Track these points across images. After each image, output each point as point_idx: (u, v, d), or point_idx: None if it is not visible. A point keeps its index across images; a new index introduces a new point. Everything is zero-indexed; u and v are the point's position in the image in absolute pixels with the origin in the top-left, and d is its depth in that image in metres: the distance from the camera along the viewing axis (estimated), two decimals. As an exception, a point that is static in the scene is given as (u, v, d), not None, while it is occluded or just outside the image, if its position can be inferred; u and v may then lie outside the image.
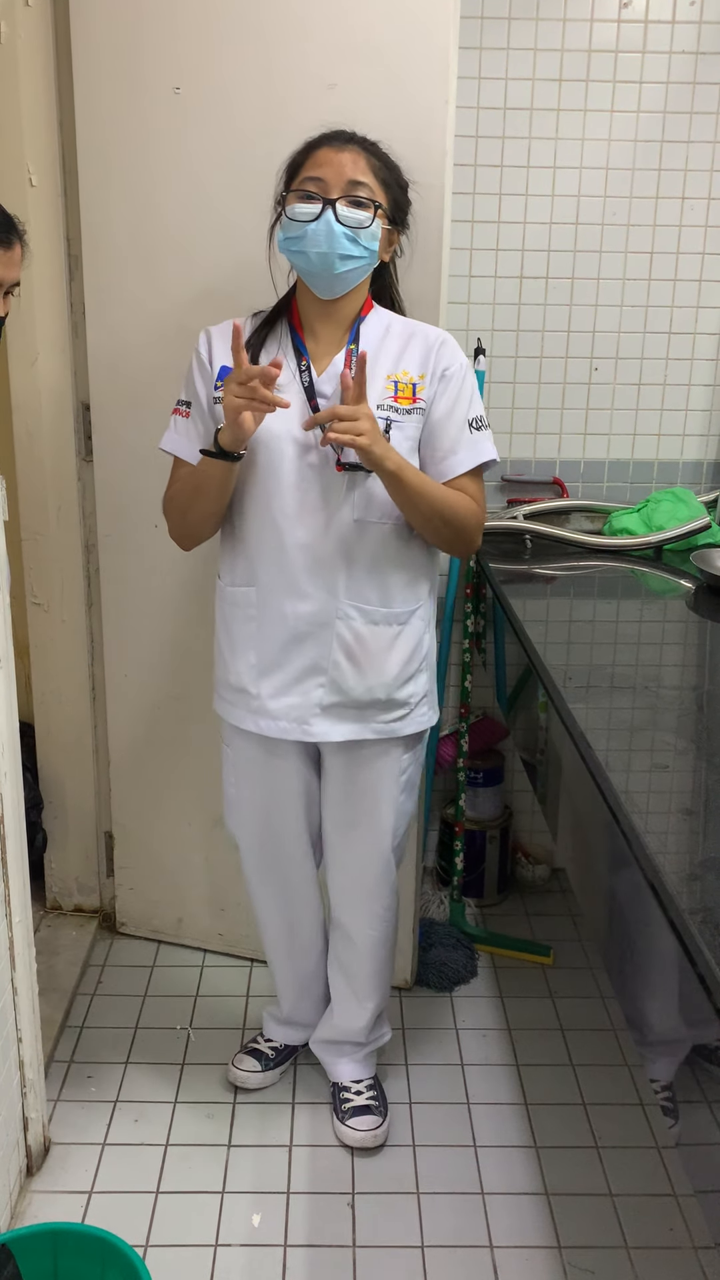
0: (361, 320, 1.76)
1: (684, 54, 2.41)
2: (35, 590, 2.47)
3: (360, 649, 1.79)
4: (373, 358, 1.74)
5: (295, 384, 1.73)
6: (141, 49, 2.03)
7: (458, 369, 1.77)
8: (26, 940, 1.85)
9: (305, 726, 1.82)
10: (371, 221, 1.66)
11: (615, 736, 1.52)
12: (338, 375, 1.72)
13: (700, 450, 2.68)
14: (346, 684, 1.80)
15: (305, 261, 1.67)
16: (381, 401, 1.73)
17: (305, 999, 2.17)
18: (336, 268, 1.66)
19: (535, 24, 2.38)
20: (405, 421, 1.74)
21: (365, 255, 1.67)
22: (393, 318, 1.80)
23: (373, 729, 1.84)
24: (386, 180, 1.69)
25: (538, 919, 2.77)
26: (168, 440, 1.82)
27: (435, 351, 1.76)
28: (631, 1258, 1.80)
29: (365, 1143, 2.00)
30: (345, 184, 1.64)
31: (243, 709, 1.86)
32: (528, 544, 2.53)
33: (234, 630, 1.84)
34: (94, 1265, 1.53)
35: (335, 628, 1.77)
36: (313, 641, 1.78)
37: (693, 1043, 1.15)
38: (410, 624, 1.83)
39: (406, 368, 1.75)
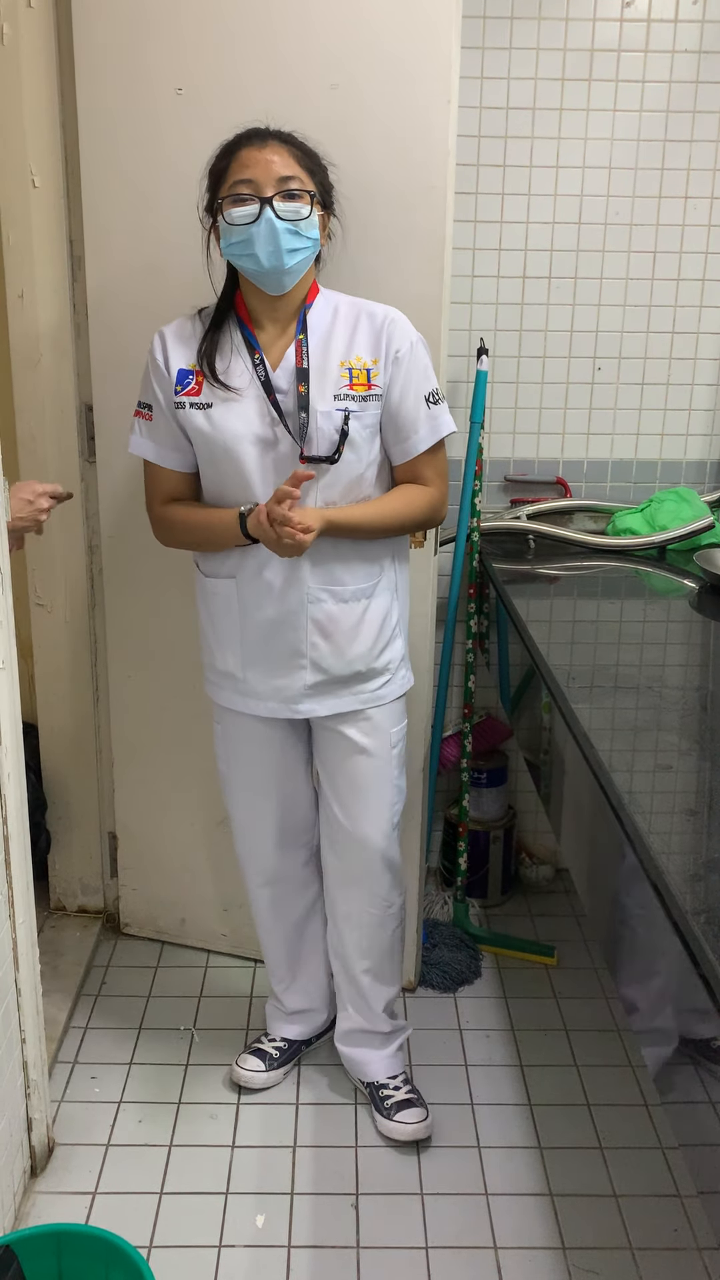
0: (308, 308, 1.78)
1: (687, 53, 2.41)
2: (38, 591, 2.47)
3: (334, 628, 1.83)
4: (323, 345, 1.77)
5: (251, 380, 1.75)
6: (143, 50, 2.03)
7: (408, 349, 1.79)
8: (30, 941, 1.85)
9: (293, 706, 1.88)
10: (310, 211, 1.70)
11: (619, 737, 1.52)
12: (292, 369, 1.75)
13: (704, 450, 2.68)
14: (326, 663, 1.85)
15: (254, 264, 1.70)
16: (338, 391, 1.75)
17: (303, 980, 2.18)
18: (286, 263, 1.69)
19: (538, 23, 2.38)
20: (362, 410, 1.76)
21: (309, 245, 1.71)
22: (339, 298, 1.82)
23: (359, 699, 1.90)
24: (311, 168, 1.73)
25: (541, 919, 2.77)
26: (134, 444, 1.86)
27: (384, 332, 1.78)
28: (636, 1259, 1.80)
29: (418, 1135, 2.01)
30: (276, 180, 1.67)
31: (231, 691, 1.92)
32: (531, 544, 2.53)
33: (217, 620, 1.89)
34: (98, 1266, 1.53)
35: (308, 611, 1.82)
36: (290, 627, 1.83)
37: (694, 1040, 1.15)
38: (376, 595, 1.87)
39: (359, 353, 1.77)
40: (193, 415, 1.77)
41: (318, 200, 1.73)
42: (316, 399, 1.74)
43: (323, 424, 1.74)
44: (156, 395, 1.81)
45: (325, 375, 1.75)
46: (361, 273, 1.95)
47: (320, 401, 1.74)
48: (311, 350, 1.76)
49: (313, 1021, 2.23)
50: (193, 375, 1.78)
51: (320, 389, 1.74)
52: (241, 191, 1.68)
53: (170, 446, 1.83)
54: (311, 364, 1.75)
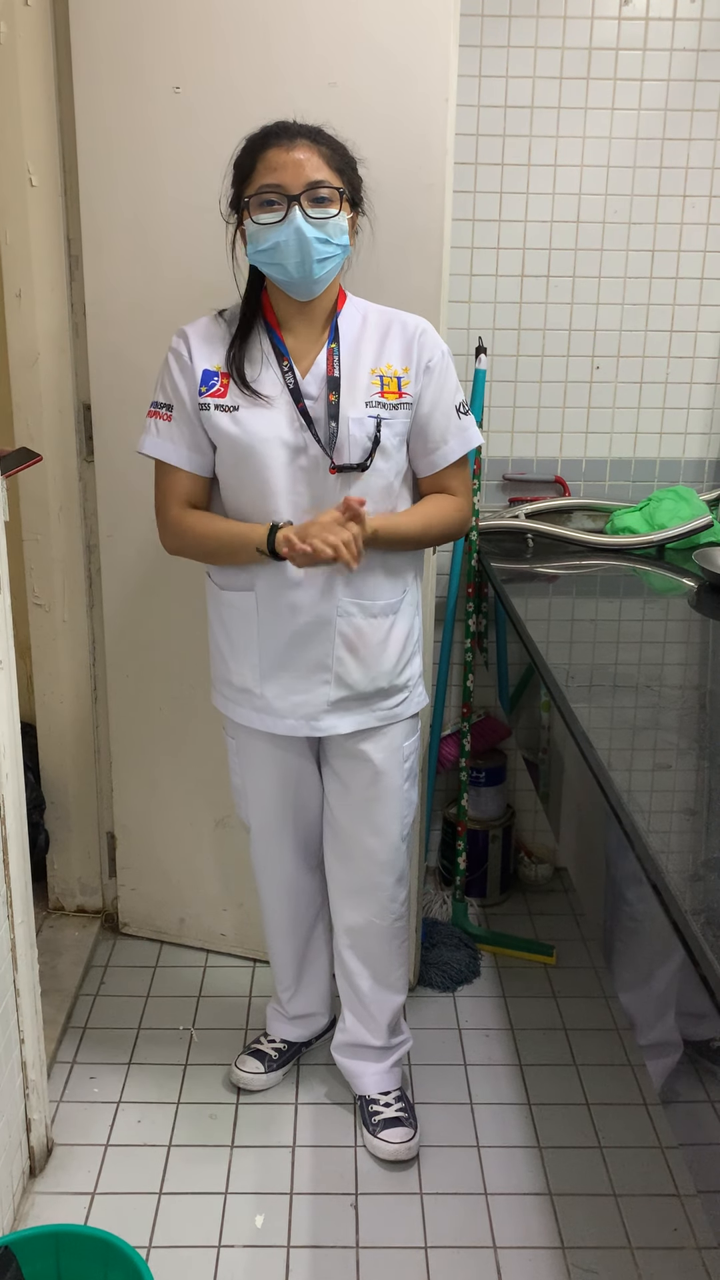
0: (339, 314, 1.76)
1: (685, 51, 2.41)
2: (37, 590, 2.47)
3: (361, 642, 1.80)
4: (354, 352, 1.74)
5: (280, 387, 1.72)
6: (141, 48, 2.03)
7: (439, 358, 1.78)
8: (29, 941, 1.84)
9: (313, 723, 1.83)
10: (339, 213, 1.65)
11: (617, 736, 1.52)
12: (323, 377, 1.72)
13: (702, 449, 2.68)
14: (351, 678, 1.81)
15: (282, 272, 1.66)
16: (369, 398, 1.72)
17: (307, 986, 2.17)
18: (315, 272, 1.65)
19: (536, 21, 2.38)
20: (393, 417, 1.74)
21: (339, 250, 1.67)
22: (368, 306, 1.80)
23: (377, 716, 1.86)
24: (340, 166, 1.67)
25: (540, 918, 2.77)
26: (151, 445, 1.78)
27: (416, 342, 1.76)
28: (635, 1258, 1.80)
29: (399, 1155, 1.98)
30: (305, 184, 1.61)
31: (247, 708, 1.86)
32: (529, 543, 2.53)
33: (233, 633, 1.84)
34: (97, 1267, 1.53)
35: (336, 625, 1.78)
36: (315, 641, 1.78)
37: (694, 1041, 1.15)
38: (402, 610, 1.85)
39: (390, 360, 1.75)
40: (218, 417, 1.72)
41: (347, 199, 1.67)
42: (347, 406, 1.71)
43: (354, 431, 1.70)
44: (180, 394, 1.76)
45: (356, 382, 1.72)
46: (359, 271, 1.94)
47: (351, 408, 1.71)
48: (342, 357, 1.73)
49: (314, 1025, 2.23)
50: (218, 377, 1.73)
51: (351, 396, 1.71)
52: (269, 196, 1.62)
53: (189, 447, 1.77)
54: (342, 371, 1.72)
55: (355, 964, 2.04)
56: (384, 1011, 2.06)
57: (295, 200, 1.61)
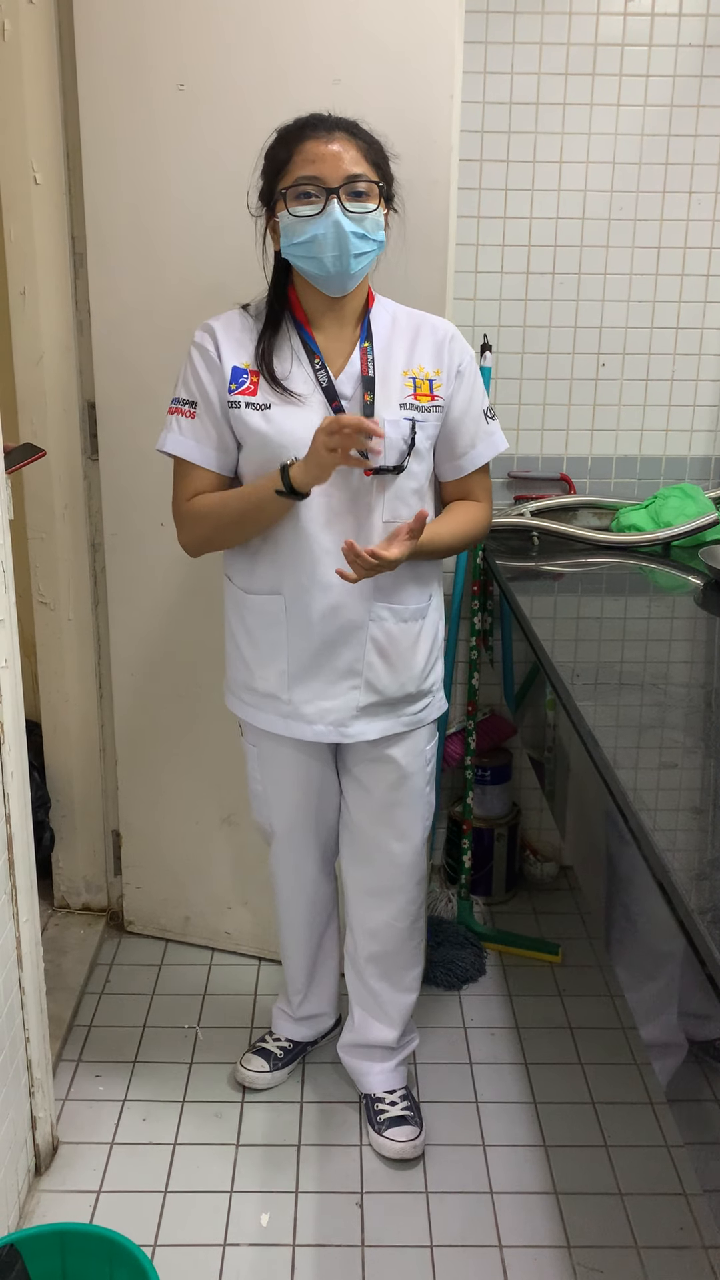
0: (369, 313, 1.74)
1: (691, 47, 2.40)
2: (42, 589, 2.47)
3: (392, 648, 1.79)
4: (386, 353, 1.72)
5: (313, 385, 1.69)
6: (145, 46, 2.03)
7: (469, 363, 1.77)
8: (34, 939, 1.84)
9: (343, 729, 1.81)
10: (376, 208, 1.63)
11: (623, 734, 1.51)
12: (356, 377, 1.70)
13: (708, 446, 2.67)
14: (381, 684, 1.80)
15: (318, 266, 1.63)
16: (403, 400, 1.71)
17: (317, 988, 2.17)
18: (351, 267, 1.63)
19: (541, 18, 2.37)
20: (426, 420, 1.73)
21: (375, 246, 1.65)
22: (396, 307, 1.78)
23: (403, 721, 1.85)
24: (376, 161, 1.64)
25: (546, 917, 2.76)
26: (173, 443, 1.74)
27: (448, 347, 1.75)
28: (641, 1257, 1.80)
29: (405, 1154, 1.98)
30: (343, 177, 1.59)
31: (273, 714, 1.84)
32: (535, 541, 2.52)
33: (259, 638, 1.80)
34: (102, 1265, 1.53)
35: (368, 630, 1.76)
36: (346, 645, 1.76)
37: (700, 1040, 1.15)
38: (429, 615, 1.84)
39: (421, 362, 1.74)
40: (249, 415, 1.68)
41: (382, 194, 1.64)
42: (382, 407, 1.69)
43: (390, 433, 1.68)
44: (206, 391, 1.71)
45: (389, 384, 1.71)
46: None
47: (386, 409, 1.69)
48: (375, 357, 1.71)
49: (320, 1025, 2.23)
50: (247, 374, 1.70)
51: (385, 397, 1.70)
52: (307, 189, 1.59)
53: (213, 446, 1.73)
54: (376, 371, 1.70)
55: (372, 965, 2.03)
56: (398, 1010, 2.06)
57: (334, 193, 1.58)
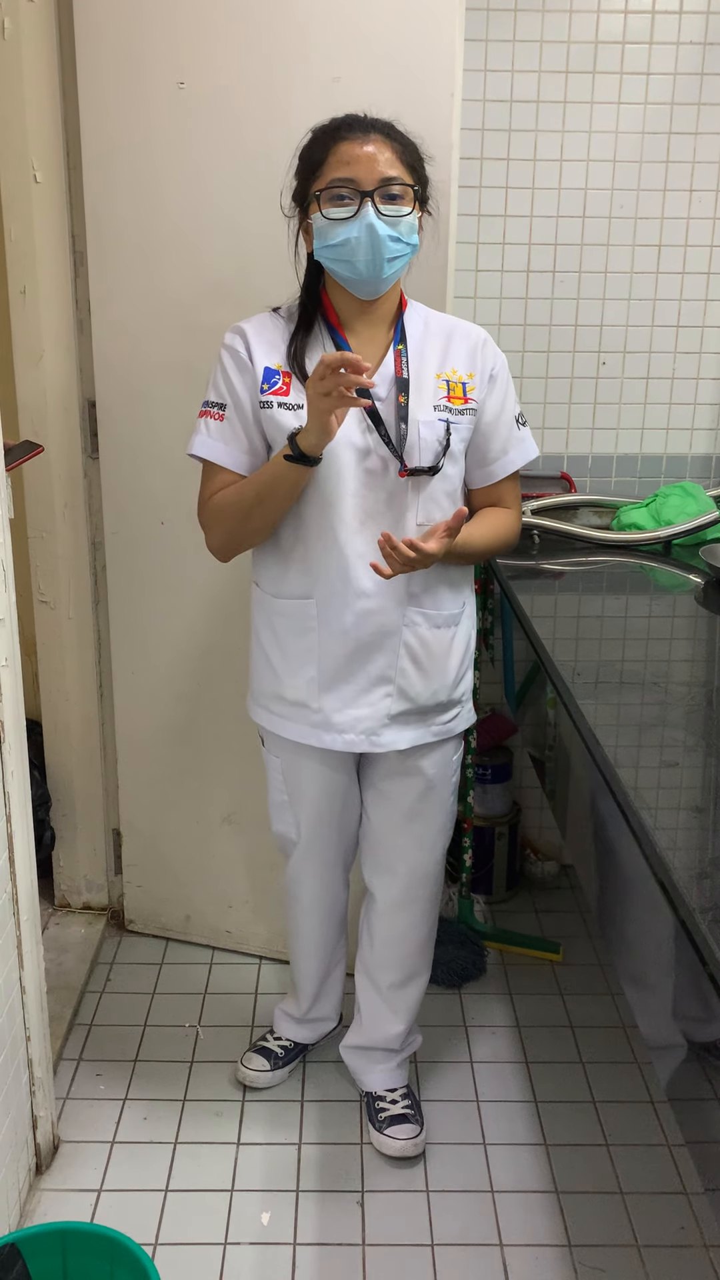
0: (404, 316, 1.74)
1: (691, 45, 2.39)
2: (42, 588, 2.47)
3: (425, 654, 1.77)
4: (420, 355, 1.72)
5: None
6: (145, 44, 2.02)
7: (502, 368, 1.77)
8: (34, 938, 1.84)
9: (374, 738, 1.79)
10: (411, 211, 1.61)
11: (624, 733, 1.51)
12: (390, 378, 1.69)
13: (709, 444, 2.67)
14: (413, 691, 1.78)
15: (350, 270, 1.62)
16: (437, 403, 1.70)
17: (325, 995, 2.17)
18: (384, 271, 1.62)
19: (541, 15, 2.37)
20: (459, 423, 1.72)
21: (409, 250, 1.64)
22: (427, 312, 1.78)
23: (433, 731, 1.84)
24: (411, 163, 1.63)
25: (547, 915, 2.76)
26: (202, 446, 1.71)
27: (481, 351, 1.75)
28: (642, 1256, 1.80)
29: (406, 1151, 1.98)
30: (378, 180, 1.57)
31: (302, 724, 1.81)
32: (535, 539, 2.52)
33: (288, 644, 1.78)
34: (103, 1264, 1.53)
35: (402, 635, 1.75)
36: (379, 652, 1.75)
37: (701, 1040, 1.14)
38: (462, 622, 1.83)
39: (455, 366, 1.73)
40: (281, 415, 1.67)
41: (417, 197, 1.63)
42: (416, 409, 1.68)
43: (425, 434, 1.68)
44: (236, 393, 1.69)
45: (422, 386, 1.70)
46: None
47: (421, 412, 1.68)
48: (410, 360, 1.70)
49: (324, 1028, 2.23)
50: (279, 375, 1.68)
51: (419, 399, 1.69)
52: (341, 191, 1.58)
53: (242, 449, 1.71)
54: (410, 374, 1.70)
55: (385, 971, 2.03)
56: (406, 1005, 2.06)
57: (368, 196, 1.57)
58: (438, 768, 1.88)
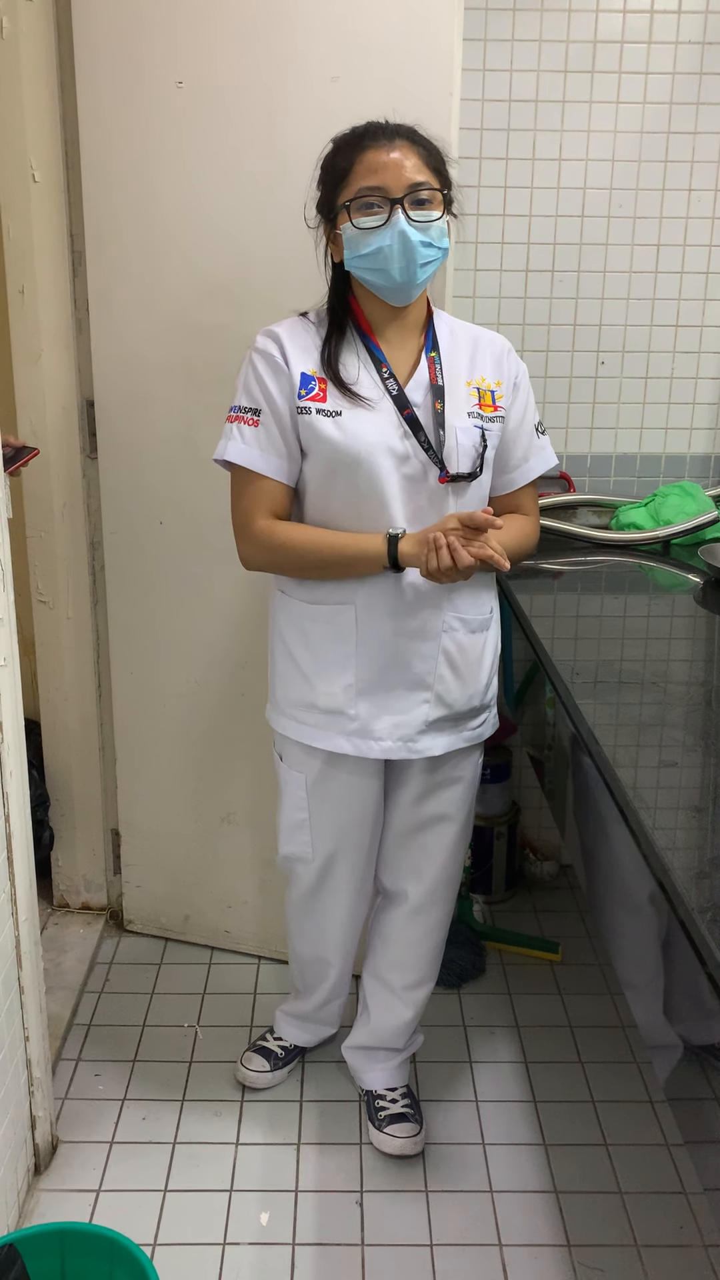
0: (433, 323, 1.74)
1: (690, 44, 2.39)
2: (41, 587, 2.46)
3: (462, 659, 1.78)
4: (451, 362, 1.72)
5: (382, 393, 1.68)
6: (143, 43, 2.02)
7: (524, 377, 1.79)
8: (33, 938, 1.84)
9: (411, 744, 1.78)
10: (440, 215, 1.61)
11: (623, 733, 1.51)
12: (425, 385, 1.69)
13: (708, 444, 2.67)
14: (450, 696, 1.78)
15: (384, 278, 1.61)
16: (470, 409, 1.71)
17: (336, 1001, 2.17)
18: (418, 276, 1.62)
19: (540, 15, 2.37)
20: (491, 429, 1.73)
21: (440, 253, 1.64)
22: (452, 320, 1.79)
23: (464, 737, 1.85)
24: (437, 167, 1.62)
25: (546, 915, 2.76)
26: (236, 452, 1.68)
27: (506, 358, 1.77)
28: (641, 1256, 1.80)
29: (405, 1150, 1.98)
30: (407, 186, 1.57)
31: (335, 732, 1.78)
32: (534, 539, 2.52)
33: (323, 651, 1.75)
34: (101, 1264, 1.53)
35: (441, 641, 1.75)
36: (418, 658, 1.74)
37: (700, 1040, 1.14)
38: (491, 626, 1.84)
39: (483, 374, 1.74)
40: (319, 422, 1.65)
41: (445, 201, 1.63)
42: (453, 416, 1.68)
43: (463, 440, 1.68)
44: (272, 398, 1.67)
45: (455, 394, 1.70)
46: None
47: (456, 418, 1.68)
48: (443, 367, 1.71)
49: (322, 1033, 2.23)
50: (315, 381, 1.67)
51: (454, 405, 1.69)
52: (370, 200, 1.58)
53: (280, 455, 1.68)
54: (444, 381, 1.70)
55: (399, 972, 2.03)
56: (415, 1005, 2.05)
57: (398, 203, 1.57)
58: (465, 772, 1.89)
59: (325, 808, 1.88)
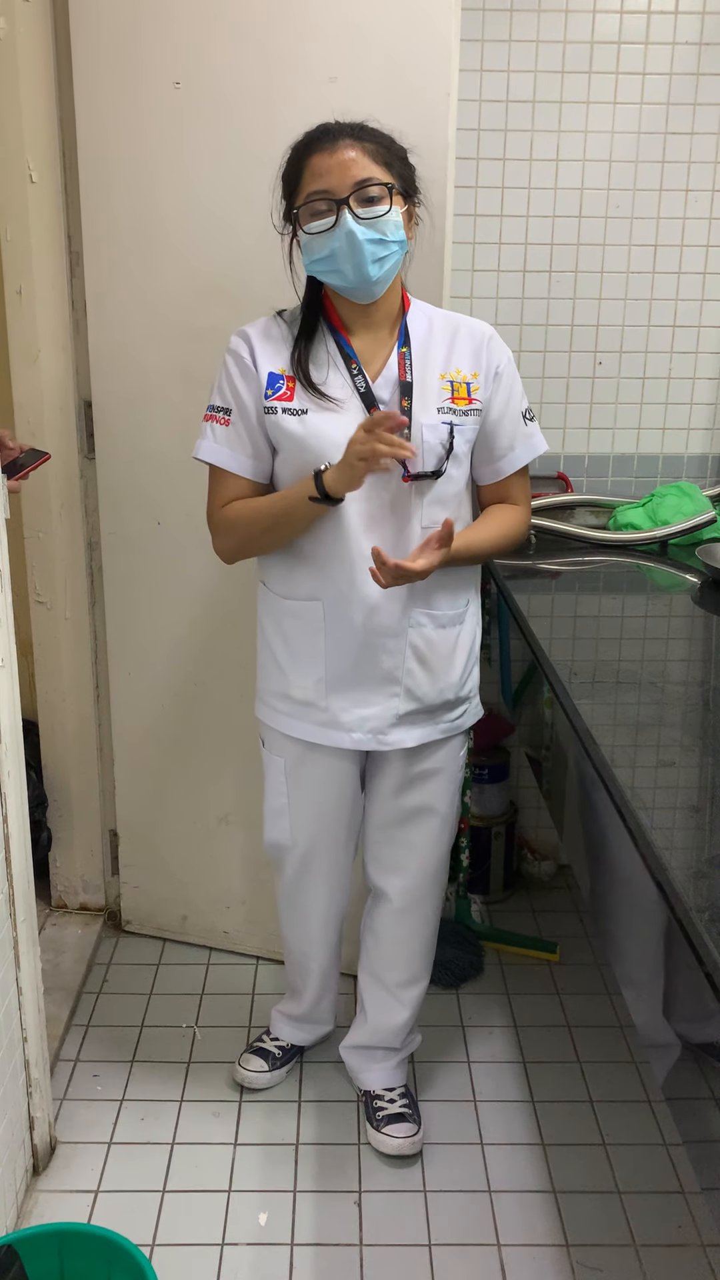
0: (407, 317, 1.73)
1: (687, 45, 2.39)
2: (38, 588, 2.46)
3: (431, 654, 1.78)
4: (423, 357, 1.72)
5: (350, 391, 1.68)
6: (141, 44, 2.02)
7: (507, 364, 1.77)
8: (31, 939, 1.84)
9: (381, 737, 1.80)
10: (391, 208, 1.60)
11: (620, 733, 1.51)
12: (394, 381, 1.69)
13: (705, 444, 2.67)
14: (420, 690, 1.79)
15: (341, 279, 1.63)
16: (440, 405, 1.70)
17: (328, 998, 2.17)
18: (373, 274, 1.62)
19: (537, 16, 2.37)
20: (464, 424, 1.72)
21: (396, 247, 1.63)
22: (432, 310, 1.78)
23: (440, 729, 1.85)
24: (388, 160, 1.62)
25: (544, 915, 2.76)
26: (208, 451, 1.73)
27: (485, 348, 1.74)
28: (639, 1255, 1.80)
29: (403, 1150, 1.98)
30: (352, 185, 1.57)
31: (309, 723, 1.82)
32: (532, 539, 2.52)
33: (296, 644, 1.79)
34: (100, 1265, 1.53)
35: (408, 636, 1.75)
36: (385, 652, 1.75)
37: (698, 1039, 1.15)
38: (466, 621, 1.83)
39: (459, 366, 1.73)
40: (285, 421, 1.68)
41: (399, 192, 1.62)
42: (420, 412, 1.68)
43: (428, 437, 1.68)
44: (241, 398, 1.70)
45: (426, 388, 1.70)
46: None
47: (424, 414, 1.68)
48: (413, 362, 1.70)
49: (319, 1031, 2.23)
50: (283, 380, 1.69)
51: (423, 402, 1.69)
52: (318, 205, 1.59)
53: (248, 453, 1.72)
54: (414, 376, 1.69)
55: (391, 969, 2.03)
56: (411, 1002, 2.05)
57: (344, 203, 1.57)
58: (445, 763, 1.89)
59: (303, 794, 1.91)
